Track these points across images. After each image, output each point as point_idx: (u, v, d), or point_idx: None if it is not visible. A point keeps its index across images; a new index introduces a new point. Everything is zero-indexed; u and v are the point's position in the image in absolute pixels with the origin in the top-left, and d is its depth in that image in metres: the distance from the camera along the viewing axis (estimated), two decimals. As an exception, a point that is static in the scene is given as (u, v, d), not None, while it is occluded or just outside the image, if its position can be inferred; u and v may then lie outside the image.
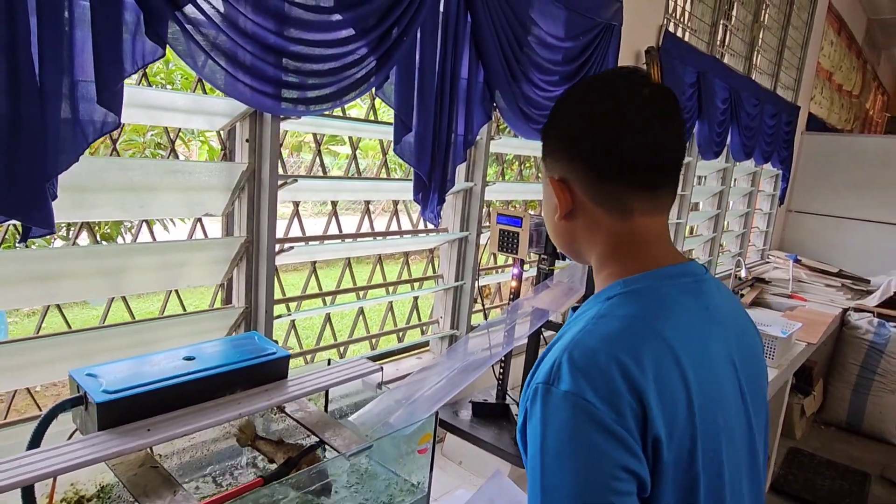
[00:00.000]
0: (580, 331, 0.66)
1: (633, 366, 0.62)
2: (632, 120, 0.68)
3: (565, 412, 0.61)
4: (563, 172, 0.73)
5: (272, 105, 1.18)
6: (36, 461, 0.76)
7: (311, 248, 1.44)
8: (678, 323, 0.68)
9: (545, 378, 0.64)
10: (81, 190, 1.05)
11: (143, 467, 0.87)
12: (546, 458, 0.61)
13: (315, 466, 0.93)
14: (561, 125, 0.74)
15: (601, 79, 0.74)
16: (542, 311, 1.45)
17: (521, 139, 1.98)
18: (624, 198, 0.70)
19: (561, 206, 0.72)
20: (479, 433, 1.56)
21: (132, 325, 1.20)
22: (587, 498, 0.60)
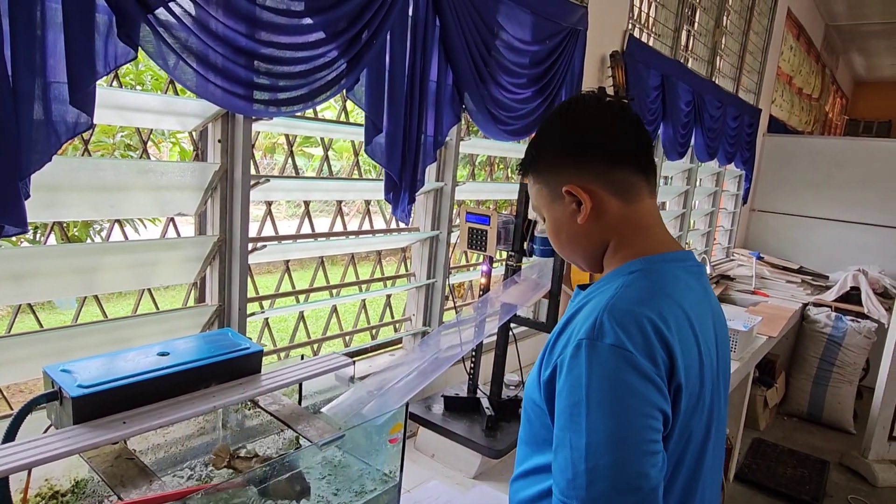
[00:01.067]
0: (611, 297, 0.77)
1: (662, 324, 0.74)
2: (621, 119, 0.84)
3: (611, 361, 0.71)
4: (576, 177, 0.84)
5: (244, 106, 1.21)
6: (11, 453, 0.78)
7: (284, 246, 1.47)
8: (687, 296, 0.81)
9: (588, 334, 0.74)
10: (53, 189, 1.06)
11: (119, 459, 0.89)
12: (591, 400, 0.71)
13: (287, 455, 0.97)
14: (562, 139, 0.86)
15: (580, 99, 0.87)
16: (510, 305, 1.50)
17: (491, 140, 2.03)
18: (631, 181, 0.84)
19: (585, 206, 0.83)
20: (451, 426, 1.60)
21: (105, 324, 1.21)
22: (630, 432, 0.70)
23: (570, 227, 0.87)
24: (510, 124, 1.94)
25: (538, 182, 0.89)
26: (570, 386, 0.74)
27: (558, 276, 1.50)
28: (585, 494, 0.70)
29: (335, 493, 1.12)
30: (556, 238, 0.91)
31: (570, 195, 0.84)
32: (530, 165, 0.90)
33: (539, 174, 0.89)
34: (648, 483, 0.70)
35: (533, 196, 0.92)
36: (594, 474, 0.70)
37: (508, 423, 1.65)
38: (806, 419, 4.17)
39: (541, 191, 0.89)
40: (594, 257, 0.89)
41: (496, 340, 1.69)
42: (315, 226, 1.64)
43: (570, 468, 0.72)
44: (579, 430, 0.72)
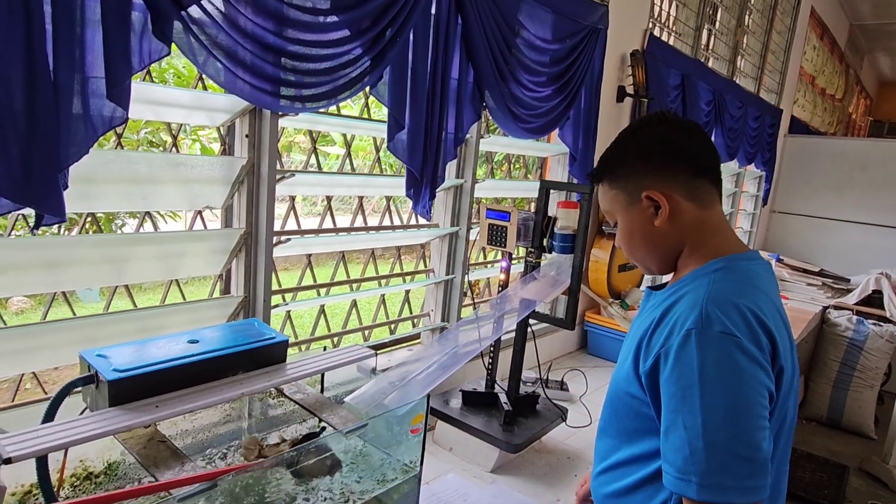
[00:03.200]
0: (707, 291, 0.84)
1: (760, 312, 0.82)
2: (702, 136, 0.94)
3: (722, 347, 0.78)
4: (657, 183, 0.91)
5: (271, 102, 1.23)
6: (51, 433, 0.81)
7: (307, 240, 1.49)
8: (767, 288, 0.89)
9: (696, 324, 0.80)
10: (89, 182, 1.10)
11: (152, 441, 0.92)
12: (705, 382, 0.78)
13: (313, 441, 0.99)
14: (648, 150, 0.93)
15: (663, 115, 0.95)
16: (529, 301, 1.52)
17: (510, 138, 2.05)
18: (706, 189, 0.93)
19: (664, 209, 0.91)
20: (469, 420, 1.62)
21: (135, 313, 1.25)
22: (744, 408, 0.77)
23: (646, 229, 0.94)
24: (530, 122, 1.95)
25: (614, 188, 0.96)
26: (681, 372, 0.80)
27: (577, 272, 1.51)
28: (705, 468, 0.76)
29: (357, 480, 1.14)
30: (630, 240, 0.98)
31: (650, 199, 0.92)
32: (607, 173, 0.97)
33: (616, 180, 0.96)
34: (762, 454, 0.76)
35: (606, 201, 0.99)
36: (712, 449, 0.76)
37: (526, 419, 1.66)
38: (825, 424, 4.10)
39: (617, 196, 0.96)
40: (666, 258, 0.97)
41: (514, 337, 1.71)
42: (336, 222, 1.67)
43: (685, 446, 0.78)
44: (693, 410, 0.78)
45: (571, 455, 1.69)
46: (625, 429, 0.98)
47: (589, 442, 1.76)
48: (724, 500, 0.76)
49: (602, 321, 2.54)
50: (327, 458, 1.00)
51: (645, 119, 0.95)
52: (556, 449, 1.72)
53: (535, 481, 1.53)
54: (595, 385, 2.20)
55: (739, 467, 0.76)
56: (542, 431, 1.65)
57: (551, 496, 1.47)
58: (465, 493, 1.44)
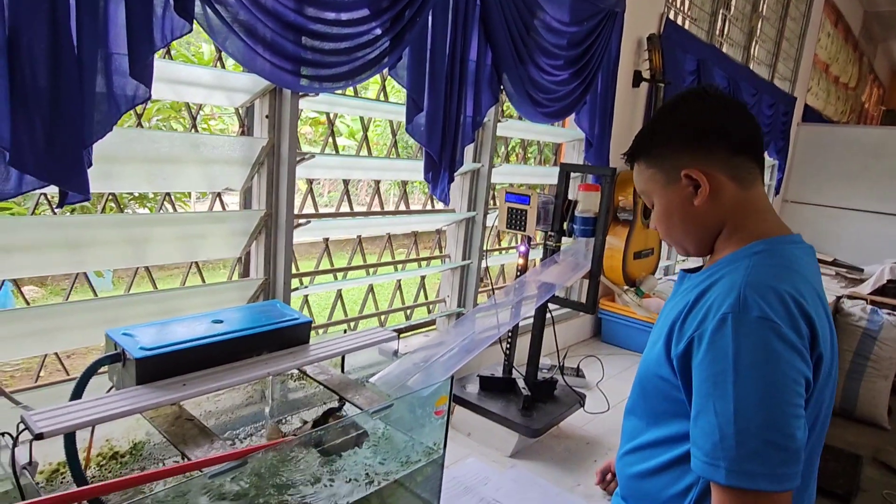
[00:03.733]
0: (746, 275, 0.82)
1: (800, 297, 0.79)
2: (742, 112, 0.90)
3: (759, 333, 0.76)
4: (696, 162, 0.89)
5: (291, 81, 1.22)
6: (80, 409, 0.81)
7: (326, 223, 1.48)
8: (812, 274, 0.86)
9: (733, 308, 0.78)
10: (111, 161, 1.09)
11: (180, 419, 0.92)
12: (739, 367, 0.76)
13: (341, 421, 0.98)
14: (685, 127, 0.90)
15: (701, 90, 0.92)
16: (549, 285, 1.50)
17: (526, 122, 2.03)
18: (748, 168, 0.89)
19: (704, 189, 0.89)
20: (487, 405, 1.61)
21: (156, 294, 1.25)
22: (779, 396, 0.75)
23: (684, 209, 0.92)
24: (547, 106, 1.93)
25: (651, 167, 0.94)
26: (714, 356, 0.78)
27: (598, 256, 1.49)
28: (735, 454, 0.75)
29: (381, 462, 1.13)
30: (667, 220, 0.95)
31: (689, 179, 0.89)
32: (643, 152, 0.95)
33: (653, 159, 0.93)
34: (794, 443, 0.75)
35: (642, 181, 0.97)
36: (743, 435, 0.75)
37: (544, 404, 1.65)
38: (838, 414, 4.08)
39: (654, 175, 0.94)
40: (704, 239, 0.94)
41: (533, 321, 1.70)
42: (352, 206, 1.66)
43: (716, 432, 0.77)
44: (725, 396, 0.76)
45: (590, 441, 1.68)
46: (653, 411, 0.97)
47: (608, 428, 1.76)
48: (752, 487, 0.75)
49: (617, 308, 2.52)
50: (353, 431, 0.99)
51: (684, 95, 0.93)
52: (574, 434, 1.71)
53: (555, 466, 1.53)
54: (611, 372, 2.19)
55: (771, 455, 0.74)
56: (561, 417, 1.64)
57: (571, 481, 1.46)
58: (486, 478, 1.44)
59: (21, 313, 1.07)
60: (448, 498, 1.32)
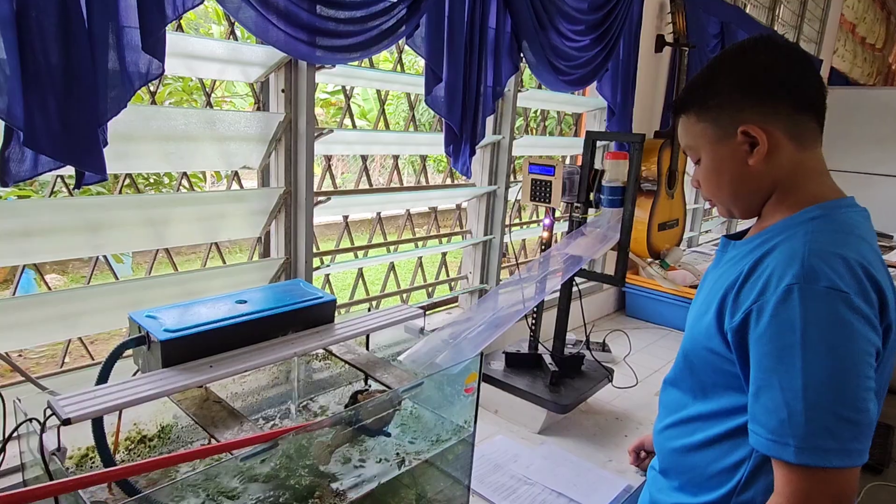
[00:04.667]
0: (807, 242, 0.77)
1: (867, 264, 0.75)
2: (809, 64, 0.83)
3: (829, 304, 0.72)
4: (756, 117, 0.82)
5: (307, 52, 1.18)
6: (107, 394, 0.79)
7: (346, 199, 1.45)
8: (871, 238, 0.83)
9: (798, 278, 0.74)
10: (127, 139, 1.06)
11: (208, 402, 0.90)
12: (808, 341, 0.72)
13: (373, 399, 0.96)
14: (748, 78, 0.83)
15: (765, 39, 0.85)
16: (576, 258, 1.46)
17: (546, 92, 1.96)
18: (808, 127, 0.83)
19: (762, 147, 0.82)
20: (512, 381, 1.59)
21: (177, 276, 1.23)
22: (851, 369, 0.71)
23: (736, 168, 0.86)
24: (569, 74, 1.86)
25: (703, 120, 0.88)
26: (778, 329, 0.74)
27: (627, 226, 1.44)
28: (805, 430, 0.72)
29: (412, 441, 1.11)
30: (716, 179, 0.90)
31: (746, 135, 0.83)
32: (695, 103, 0.88)
33: (706, 112, 0.87)
34: (867, 417, 0.72)
35: (690, 136, 0.90)
36: (814, 411, 0.71)
37: (572, 380, 1.62)
38: (865, 384, 4.02)
39: (705, 130, 0.87)
40: (754, 202, 0.89)
41: (559, 296, 1.66)
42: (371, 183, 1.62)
43: (783, 408, 0.73)
44: (792, 371, 0.73)
45: (619, 416, 1.65)
46: (700, 384, 0.93)
47: (637, 402, 1.72)
48: (824, 464, 0.71)
49: (641, 282, 2.47)
50: (385, 405, 0.97)
51: (750, 43, 0.85)
52: (602, 410, 1.68)
53: (585, 442, 1.50)
54: (638, 346, 2.15)
55: (843, 430, 0.71)
56: (589, 392, 1.60)
57: (602, 456, 1.43)
58: (516, 455, 1.41)
59: (42, 298, 1.06)
60: (478, 476, 1.30)
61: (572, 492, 1.27)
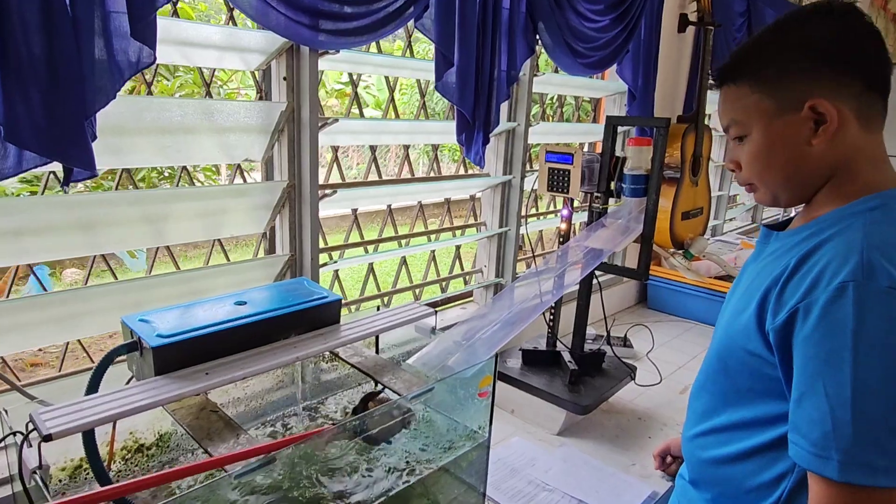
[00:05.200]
0: (865, 235, 0.70)
1: None
2: (881, 39, 0.75)
3: (888, 305, 0.65)
4: (828, 91, 0.74)
5: (309, 37, 1.11)
6: (95, 405, 0.74)
7: (354, 192, 1.38)
8: None
9: (855, 275, 0.66)
10: (119, 133, 1.00)
11: (204, 411, 0.85)
12: (861, 345, 0.65)
13: (382, 407, 0.90)
14: (822, 45, 0.74)
15: (843, 4, 0.76)
16: (596, 251, 1.38)
17: (563, 76, 1.88)
18: (876, 108, 0.76)
19: (831, 125, 0.74)
20: (529, 380, 1.52)
21: (178, 275, 1.17)
22: None
23: (794, 148, 0.77)
24: (588, 56, 1.77)
25: (759, 90, 0.78)
26: (828, 331, 0.67)
27: (651, 217, 1.36)
28: (851, 443, 0.64)
29: (423, 448, 1.05)
30: (766, 159, 0.80)
31: (814, 111, 0.74)
32: (749, 71, 0.78)
33: (765, 82, 0.77)
34: None
35: (738, 108, 0.80)
36: (862, 422, 0.64)
37: (592, 378, 1.55)
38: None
39: (760, 102, 0.78)
40: (807, 188, 0.80)
41: (578, 290, 1.58)
42: (381, 174, 1.55)
43: (827, 418, 0.66)
44: (840, 376, 0.65)
45: (642, 416, 1.57)
46: (735, 388, 0.85)
47: (661, 401, 1.65)
48: (871, 483, 0.63)
49: (664, 273, 2.38)
50: (398, 414, 0.91)
51: (815, 8, 0.76)
52: (625, 409, 1.61)
53: (607, 444, 1.43)
54: (661, 340, 2.06)
55: (892, 445, 0.63)
56: (611, 391, 1.53)
57: (626, 459, 1.36)
58: (533, 458, 1.35)
59: (36, 301, 1.01)
60: (494, 481, 1.24)
61: (593, 498, 1.21)
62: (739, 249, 2.77)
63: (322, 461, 0.88)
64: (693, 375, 0.99)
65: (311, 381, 1.20)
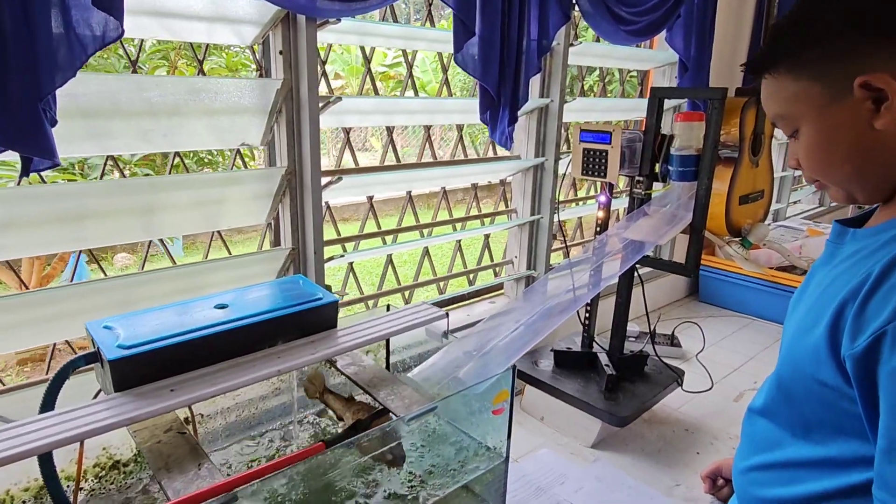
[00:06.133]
0: None
1: None
2: None
3: None
4: (880, 62, 0.60)
5: (306, 3, 0.98)
6: (36, 429, 0.65)
7: (364, 178, 1.26)
8: None
9: None
10: (93, 115, 0.91)
11: (170, 433, 0.75)
12: None
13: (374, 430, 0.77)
14: (866, 14, 0.61)
15: None
16: (637, 243, 1.21)
17: (604, 45, 1.69)
18: None
19: (894, 100, 0.60)
20: (562, 385, 1.37)
21: (173, 270, 1.08)
22: None
23: (854, 135, 0.63)
24: (633, 22, 1.57)
25: (803, 77, 0.65)
26: None
27: (703, 204, 1.18)
28: None
29: (430, 470, 0.93)
30: (828, 154, 0.66)
31: (867, 90, 0.60)
32: (787, 55, 0.65)
33: (808, 66, 0.64)
34: None
35: (782, 100, 0.67)
36: None
37: (632, 384, 1.39)
38: None
39: (805, 90, 0.64)
40: (884, 179, 0.65)
41: (618, 285, 1.42)
42: (399, 158, 1.42)
43: None
44: None
45: (690, 427, 1.40)
46: (803, 419, 0.70)
47: (711, 410, 1.47)
48: None
49: (718, 263, 2.17)
50: (388, 451, 0.79)
51: None
52: (669, 419, 1.44)
53: (647, 460, 1.27)
54: (713, 339, 1.87)
55: None
56: (654, 399, 1.37)
57: (668, 479, 1.20)
58: (562, 474, 1.21)
59: (16, 300, 0.93)
60: (516, 502, 1.11)
61: (630, 527, 1.06)
62: (805, 237, 2.51)
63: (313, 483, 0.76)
64: (750, 379, 0.83)
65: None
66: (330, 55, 5.64)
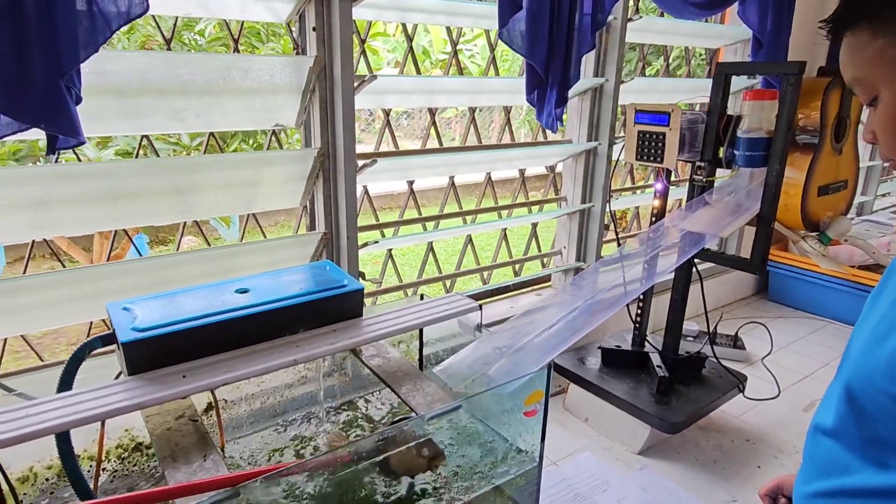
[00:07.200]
0: None
1: None
2: None
3: None
4: None
5: (336, -24, 0.93)
6: (45, 412, 0.63)
7: (401, 161, 1.21)
8: None
9: None
10: (121, 94, 0.90)
11: (181, 420, 0.73)
12: None
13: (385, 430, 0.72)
14: None
15: None
16: (696, 235, 1.10)
17: (667, 20, 1.56)
18: None
19: None
20: (609, 386, 1.28)
21: (206, 252, 1.07)
22: None
23: None
24: (700, -7, 1.44)
25: (882, 35, 0.57)
26: None
27: (773, 193, 1.06)
28: None
29: (455, 471, 0.87)
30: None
31: None
32: (866, 11, 0.58)
33: (888, 22, 0.57)
34: None
35: (860, 61, 0.60)
36: None
37: (687, 388, 1.28)
38: None
39: (886, 50, 0.57)
40: None
41: (673, 279, 1.31)
42: (441, 142, 1.36)
43: None
44: None
45: (752, 437, 1.28)
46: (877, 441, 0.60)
47: (777, 420, 1.34)
48: None
49: (791, 259, 1.99)
50: (424, 448, 0.74)
51: None
52: (728, 427, 1.32)
53: (700, 471, 1.17)
54: (781, 342, 1.72)
55: None
56: (710, 405, 1.26)
57: (723, 494, 1.10)
58: (605, 481, 1.13)
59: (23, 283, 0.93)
60: (552, 509, 1.04)
61: (676, 545, 0.97)
62: (894, 233, 2.27)
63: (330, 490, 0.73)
64: (823, 388, 0.73)
65: (340, 377, 1.06)
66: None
